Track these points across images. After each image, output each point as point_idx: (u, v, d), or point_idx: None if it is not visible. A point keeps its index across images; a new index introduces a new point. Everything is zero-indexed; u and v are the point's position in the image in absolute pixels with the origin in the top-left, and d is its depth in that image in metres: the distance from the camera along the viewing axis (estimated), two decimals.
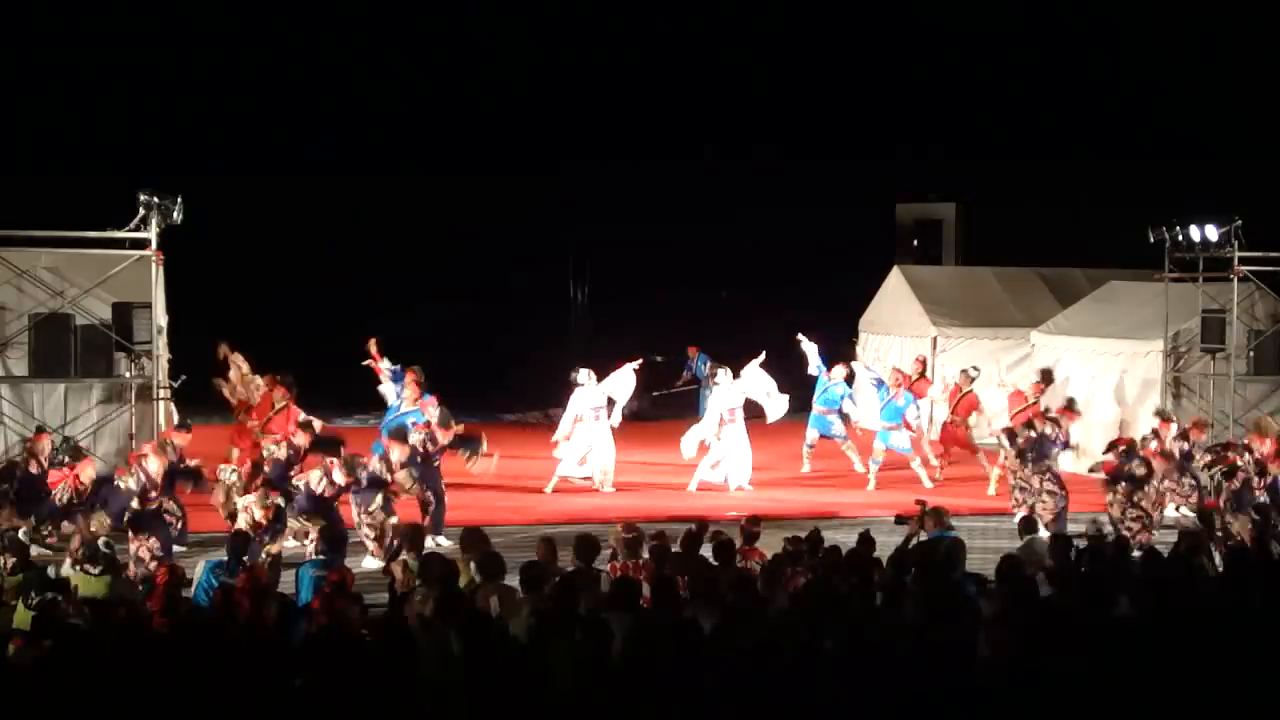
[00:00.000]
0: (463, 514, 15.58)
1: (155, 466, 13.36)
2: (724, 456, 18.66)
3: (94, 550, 10.93)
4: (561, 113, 30.04)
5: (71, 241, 16.69)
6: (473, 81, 29.89)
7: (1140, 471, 15.58)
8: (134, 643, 8.23)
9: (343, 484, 13.79)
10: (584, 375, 18.67)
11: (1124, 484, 15.50)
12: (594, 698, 7.15)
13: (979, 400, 20.14)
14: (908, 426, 19.23)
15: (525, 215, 29.66)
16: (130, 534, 12.99)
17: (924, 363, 21.32)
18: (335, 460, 13.89)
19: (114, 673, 7.37)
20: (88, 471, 13.97)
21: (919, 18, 29.03)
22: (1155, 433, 16.73)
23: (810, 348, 20.18)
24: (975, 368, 20.22)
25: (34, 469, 14.48)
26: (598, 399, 18.58)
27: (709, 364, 26.04)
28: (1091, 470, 16.74)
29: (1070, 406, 17.30)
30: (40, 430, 15.41)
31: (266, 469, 14.33)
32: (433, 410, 16.17)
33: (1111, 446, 16.19)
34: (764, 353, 19.40)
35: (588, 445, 18.50)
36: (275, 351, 18.67)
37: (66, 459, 14.77)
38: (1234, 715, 7.55)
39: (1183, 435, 16.83)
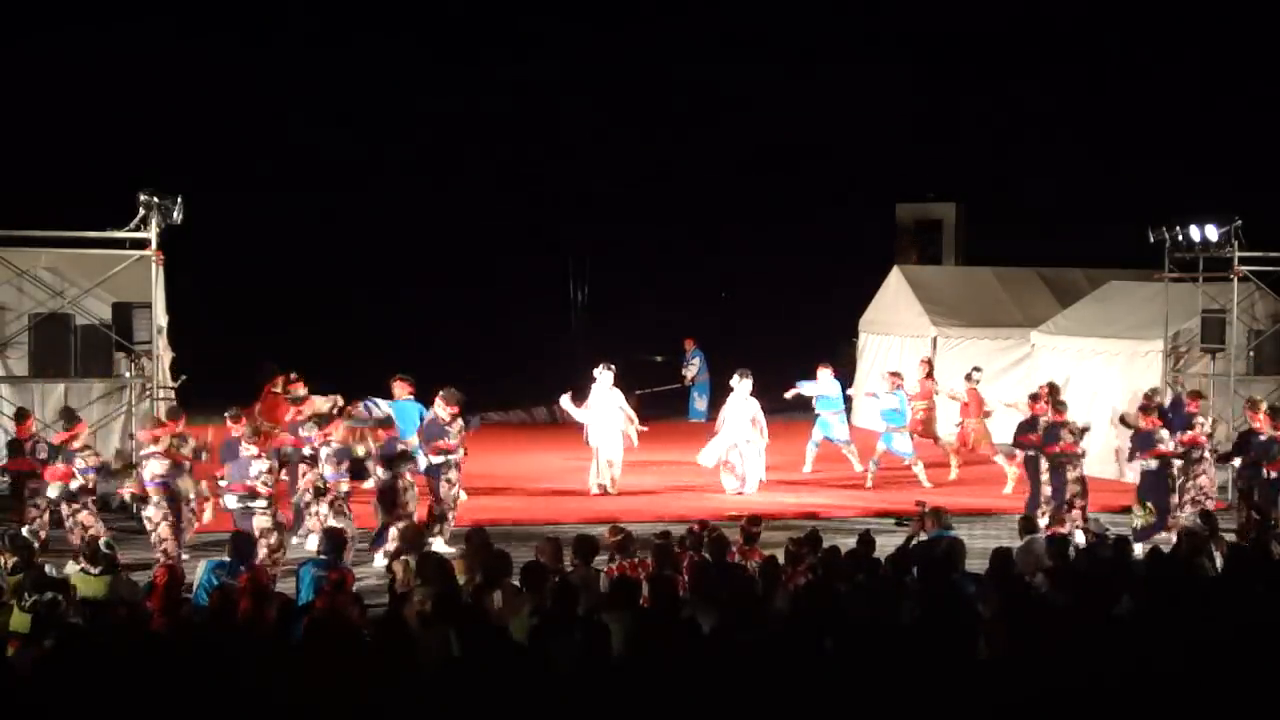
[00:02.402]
0: (467, 514, 15.60)
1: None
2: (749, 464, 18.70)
3: (94, 550, 10.92)
4: (560, 113, 30.08)
5: (71, 241, 16.65)
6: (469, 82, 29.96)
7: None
8: (134, 643, 8.23)
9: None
10: (600, 371, 18.63)
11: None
12: (593, 697, 7.15)
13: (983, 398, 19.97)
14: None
15: (524, 215, 29.72)
16: None
17: (930, 364, 21.27)
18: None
19: (114, 673, 7.37)
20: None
21: (919, 18, 29.05)
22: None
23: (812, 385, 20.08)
24: (977, 369, 20.09)
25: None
26: (610, 397, 18.61)
27: (699, 360, 26.15)
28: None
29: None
30: (23, 417, 15.29)
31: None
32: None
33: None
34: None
35: (600, 441, 18.52)
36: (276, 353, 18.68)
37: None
38: (1234, 715, 7.55)
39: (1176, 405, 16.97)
